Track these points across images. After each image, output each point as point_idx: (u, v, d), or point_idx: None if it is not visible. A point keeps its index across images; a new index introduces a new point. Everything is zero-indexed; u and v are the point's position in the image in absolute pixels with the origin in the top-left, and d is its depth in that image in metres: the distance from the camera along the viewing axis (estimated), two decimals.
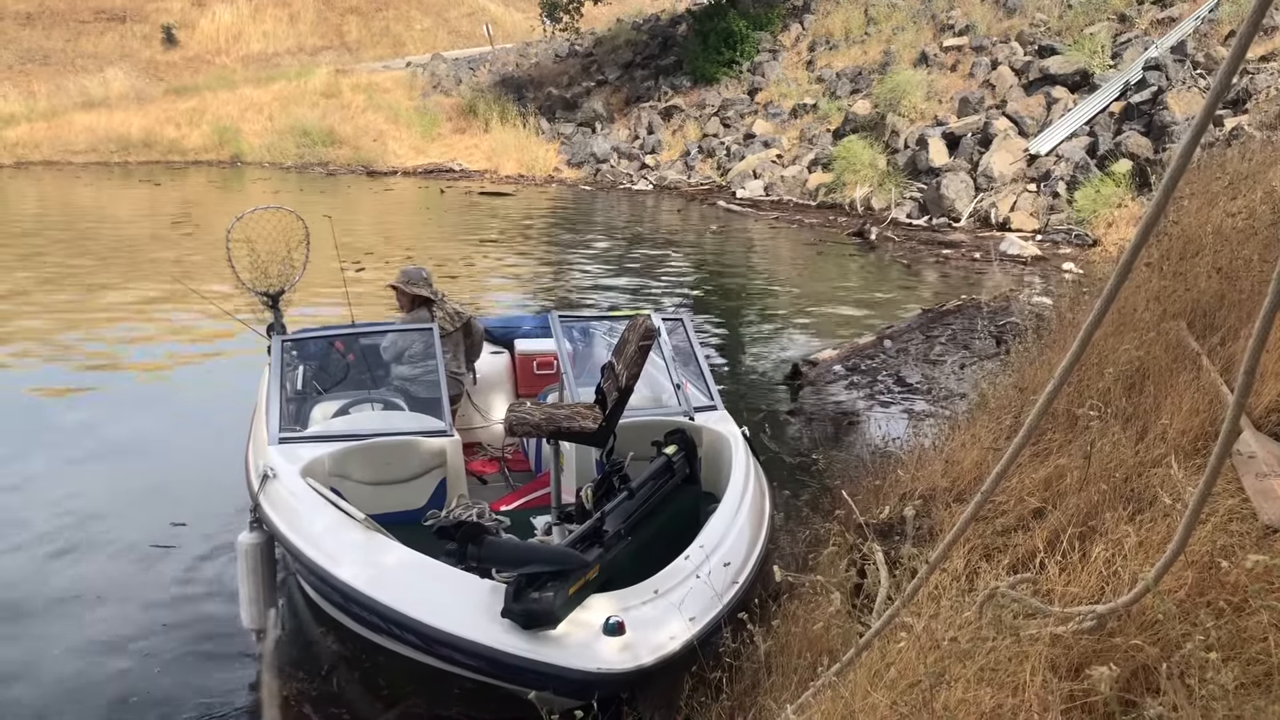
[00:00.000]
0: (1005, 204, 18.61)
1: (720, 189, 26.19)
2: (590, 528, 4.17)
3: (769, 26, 32.83)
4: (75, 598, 5.80)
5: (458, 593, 3.92)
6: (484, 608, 3.77)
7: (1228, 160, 8.43)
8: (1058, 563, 3.38)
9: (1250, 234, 5.76)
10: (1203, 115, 2.14)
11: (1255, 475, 3.55)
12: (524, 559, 3.84)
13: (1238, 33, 1.94)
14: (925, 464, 5.29)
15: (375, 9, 55.65)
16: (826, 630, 3.74)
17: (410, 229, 22.30)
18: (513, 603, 3.67)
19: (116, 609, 5.71)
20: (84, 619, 5.59)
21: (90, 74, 46.74)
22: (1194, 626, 2.68)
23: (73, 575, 6.09)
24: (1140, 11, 22.55)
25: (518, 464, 6.90)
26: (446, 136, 36.84)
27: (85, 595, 5.84)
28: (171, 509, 6.85)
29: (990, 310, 11.63)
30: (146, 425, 8.86)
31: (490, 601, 3.78)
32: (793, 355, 10.61)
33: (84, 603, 5.76)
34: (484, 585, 3.92)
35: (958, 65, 24.87)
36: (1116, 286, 2.39)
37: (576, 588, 3.77)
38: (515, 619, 3.65)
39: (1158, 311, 5.34)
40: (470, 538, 3.75)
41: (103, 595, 5.85)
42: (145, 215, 24.39)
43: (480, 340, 7.19)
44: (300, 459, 5.17)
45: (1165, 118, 17.50)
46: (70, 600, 5.78)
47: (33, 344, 11.71)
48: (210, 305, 8.07)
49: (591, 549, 4.07)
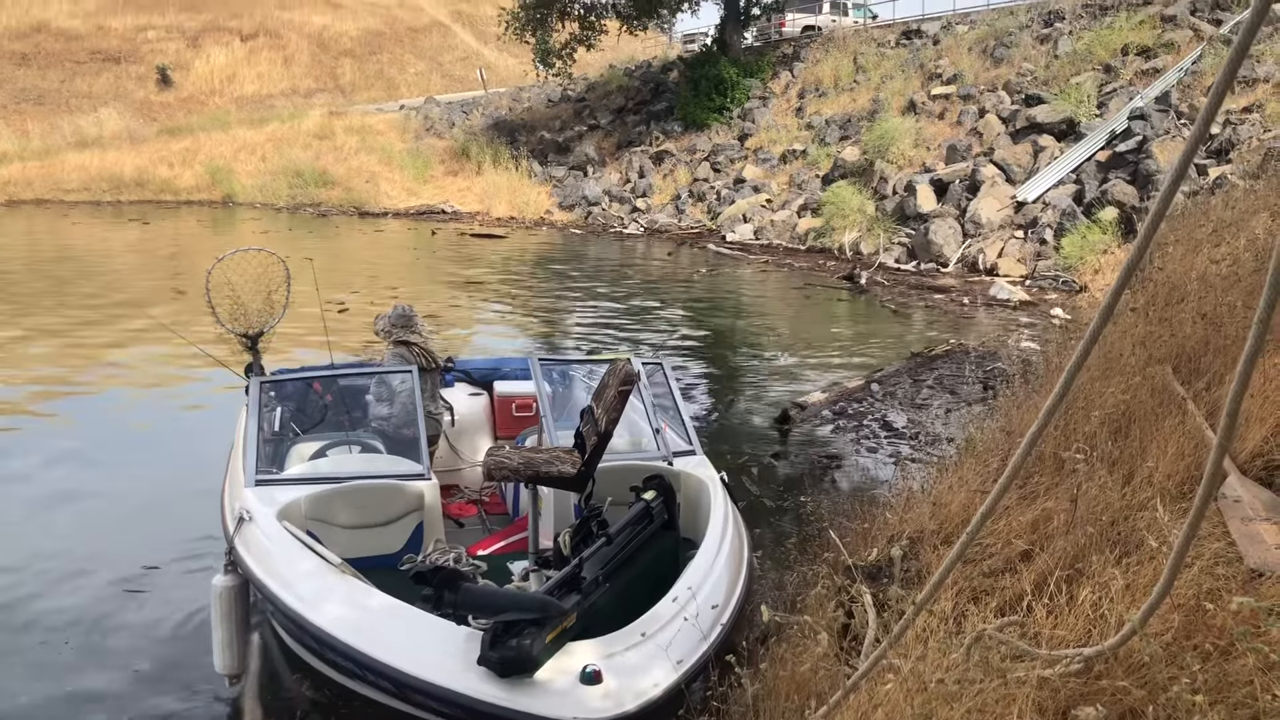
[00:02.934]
0: (993, 250, 18.75)
1: (711, 233, 26.37)
2: (568, 574, 4.14)
3: (759, 74, 33.22)
4: (42, 644, 5.65)
5: (434, 639, 3.87)
6: (460, 655, 3.74)
7: (1211, 208, 8.54)
8: (1045, 605, 3.38)
9: (1234, 280, 5.82)
10: (1181, 161, 2.18)
11: (1241, 519, 3.56)
12: (501, 606, 3.80)
13: (1213, 83, 1.98)
14: (913, 506, 5.29)
15: (369, 52, 56.19)
16: (814, 672, 3.71)
17: (399, 270, 22.36)
18: (489, 650, 3.63)
19: (87, 654, 5.58)
20: (54, 664, 5.46)
21: (84, 114, 47.06)
22: (1181, 669, 2.68)
23: (42, 620, 5.94)
24: (1125, 63, 22.88)
25: (495, 507, 6.85)
26: (439, 179, 37.09)
27: (53, 641, 5.69)
28: (145, 551, 6.74)
29: (978, 355, 11.68)
30: (120, 465, 8.76)
31: (466, 648, 3.75)
32: (782, 398, 10.61)
33: (52, 648, 5.62)
34: (460, 632, 3.88)
35: (945, 113, 25.17)
36: (1099, 329, 2.41)
37: (554, 635, 3.73)
38: (492, 666, 3.61)
39: (1143, 356, 5.37)
40: (447, 584, 3.72)
41: (72, 640, 5.71)
42: (131, 254, 24.41)
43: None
44: (277, 502, 5.13)
45: (1150, 166, 17.70)
46: (38, 646, 5.64)
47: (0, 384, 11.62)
48: (189, 345, 8.02)
49: (569, 596, 4.03)
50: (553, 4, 34.72)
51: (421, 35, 58.82)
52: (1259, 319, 1.99)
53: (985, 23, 28.93)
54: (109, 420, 10.36)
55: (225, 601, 4.87)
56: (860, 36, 33.00)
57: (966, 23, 30.15)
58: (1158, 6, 24.36)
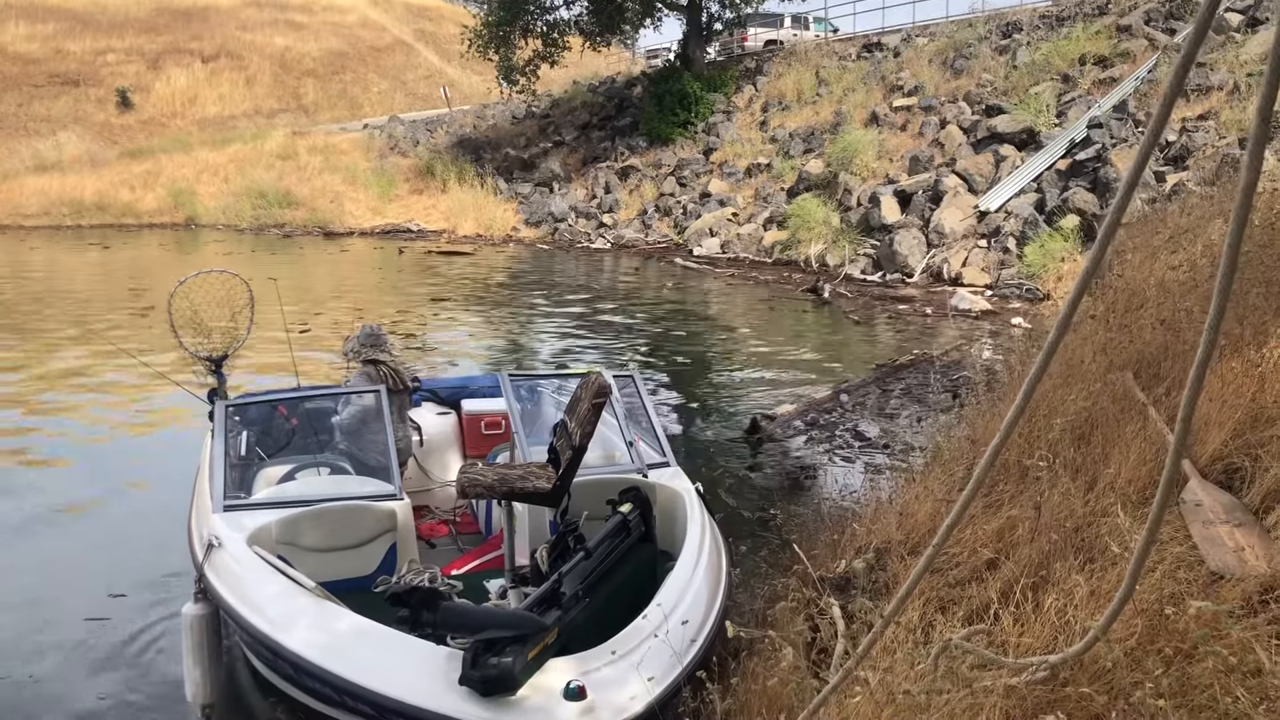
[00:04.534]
0: (957, 259, 18.92)
1: (677, 247, 26.44)
2: (548, 590, 4.11)
3: (723, 88, 33.40)
4: (3, 679, 5.44)
5: (413, 660, 3.82)
6: (440, 675, 3.69)
7: (1169, 215, 8.66)
8: (1011, 613, 3.40)
9: (1192, 286, 5.90)
10: (1134, 169, 2.20)
11: (1201, 523, 3.60)
12: (481, 624, 3.76)
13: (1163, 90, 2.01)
14: (880, 517, 5.31)
15: (332, 72, 55.99)
16: (783, 686, 3.72)
17: (364, 289, 22.24)
18: (470, 669, 3.58)
19: (53, 685, 5.41)
20: (17, 699, 5.27)
21: (43, 137, 46.53)
22: (1144, 674, 2.70)
23: (3, 654, 5.73)
24: (1083, 72, 23.21)
25: (467, 526, 6.79)
26: (404, 197, 36.98)
27: (15, 675, 5.49)
28: (110, 580, 6.60)
29: (943, 364, 11.77)
30: (83, 493, 8.56)
31: (447, 669, 3.70)
32: (750, 410, 10.63)
33: (14, 684, 5.40)
34: (440, 652, 3.82)
35: (907, 125, 25.40)
36: (1058, 338, 2.43)
37: (535, 652, 3.69)
38: (474, 686, 3.57)
39: (1104, 363, 5.43)
40: (425, 603, 3.68)
41: (36, 674, 5.51)
42: (91, 278, 24.15)
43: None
44: (246, 527, 5.05)
45: (1109, 174, 17.94)
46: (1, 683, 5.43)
47: None
48: (150, 369, 7.92)
49: (549, 612, 4.00)
50: (515, 21, 34.75)
51: (384, 54, 58.67)
52: (1210, 324, 2.02)
53: (945, 35, 29.24)
54: (69, 448, 10.14)
55: (196, 631, 4.80)
56: (822, 50, 33.27)
57: (926, 35, 30.47)
58: (1113, 17, 24.74)
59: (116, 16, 56.61)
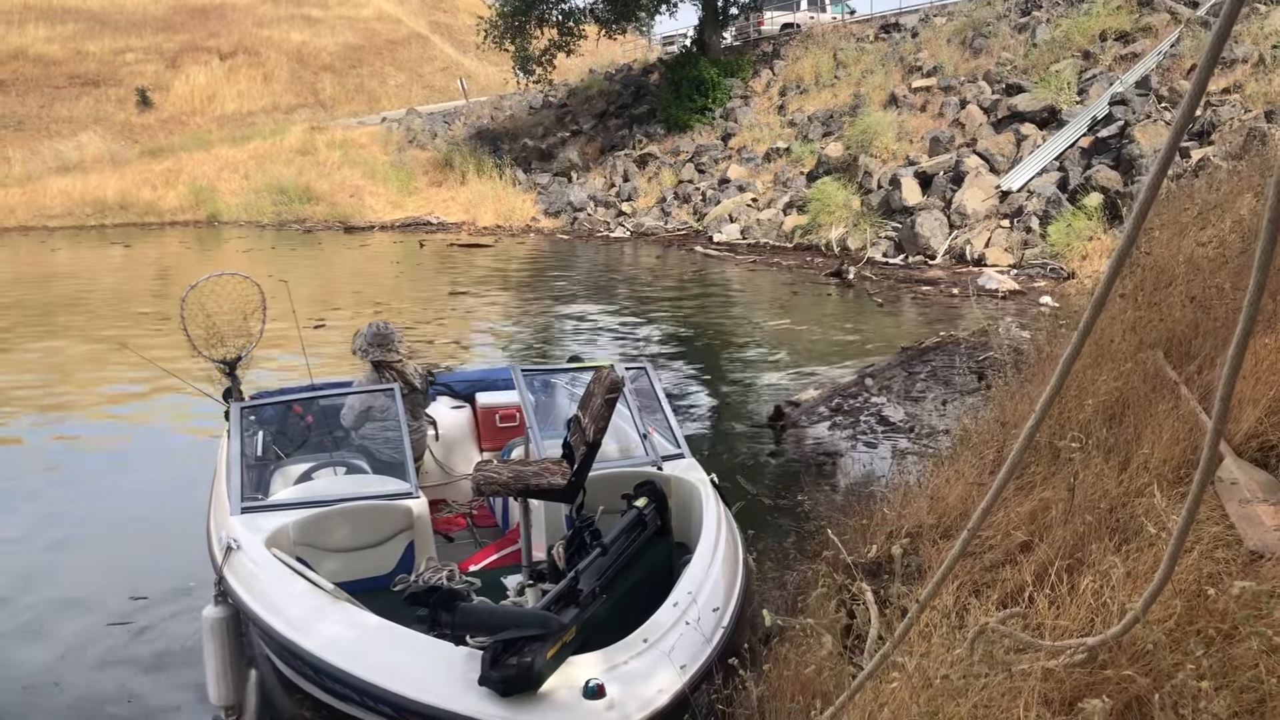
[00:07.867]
0: (980, 240, 18.79)
1: (697, 234, 26.38)
2: (566, 587, 4.09)
3: (740, 73, 33.27)
4: (30, 687, 5.46)
5: (432, 661, 3.81)
6: (460, 675, 3.67)
7: (1196, 191, 8.53)
8: (1047, 596, 3.37)
9: (1221, 263, 5.82)
10: (1168, 148, 2.17)
11: (1239, 501, 3.56)
12: (499, 624, 3.72)
13: (1198, 65, 1.97)
14: (910, 501, 5.28)
15: (349, 66, 56.12)
16: (819, 673, 3.70)
17: (384, 283, 22.29)
18: (490, 669, 3.56)
19: (78, 691, 5.43)
20: (43, 705, 5.30)
21: (65, 138, 46.87)
22: (1185, 656, 2.67)
23: (28, 658, 5.75)
24: (1104, 48, 22.96)
25: (484, 520, 6.79)
26: (423, 190, 37.08)
27: (40, 680, 5.53)
28: (132, 583, 6.61)
29: (969, 346, 11.68)
30: (102, 496, 8.59)
31: (466, 669, 3.68)
32: (774, 396, 10.60)
33: (39, 688, 5.44)
34: (459, 652, 3.81)
35: (927, 105, 25.22)
36: (1093, 319, 2.40)
37: (554, 650, 3.66)
38: (493, 686, 3.55)
39: (1134, 342, 5.37)
40: (443, 604, 3.67)
41: (60, 680, 5.54)
42: (111, 278, 24.32)
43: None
44: (264, 529, 5.06)
45: (1133, 150, 17.76)
46: (25, 690, 5.45)
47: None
48: (166, 372, 7.92)
49: (567, 609, 3.97)
50: (530, 11, 34.73)
51: (400, 47, 58.75)
52: (1249, 301, 1.99)
53: (963, 14, 29.01)
54: (88, 450, 10.21)
55: (217, 633, 4.81)
56: (839, 32, 33.10)
57: (944, 14, 30.26)
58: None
59: (134, 16, 56.98)
